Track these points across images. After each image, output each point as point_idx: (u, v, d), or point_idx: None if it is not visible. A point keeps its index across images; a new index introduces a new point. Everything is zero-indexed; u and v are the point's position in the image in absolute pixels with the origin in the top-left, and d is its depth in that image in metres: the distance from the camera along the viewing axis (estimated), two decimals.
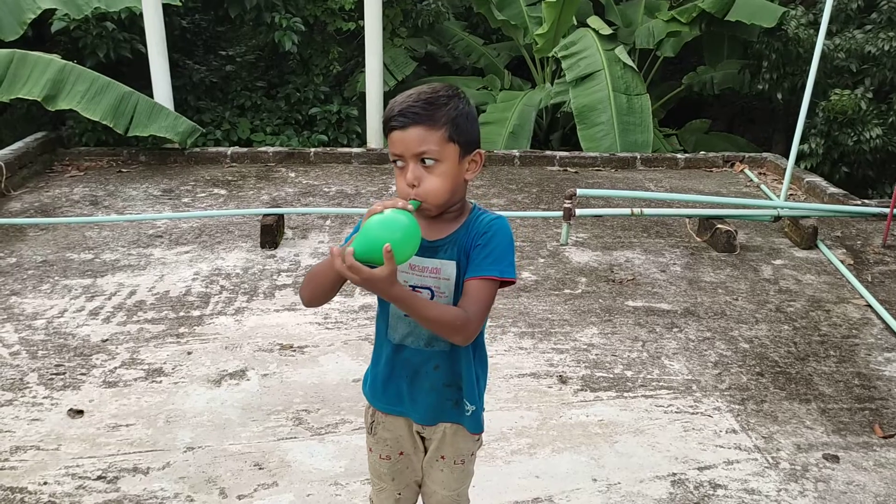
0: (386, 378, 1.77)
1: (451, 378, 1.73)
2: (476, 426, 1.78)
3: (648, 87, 8.08)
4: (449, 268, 1.63)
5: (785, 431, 3.06)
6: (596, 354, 3.61)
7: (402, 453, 1.85)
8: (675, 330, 3.89)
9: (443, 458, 1.81)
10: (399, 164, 1.60)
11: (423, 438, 1.82)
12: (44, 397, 3.13)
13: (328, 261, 1.55)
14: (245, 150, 6.82)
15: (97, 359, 3.44)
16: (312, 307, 1.73)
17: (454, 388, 1.73)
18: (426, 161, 1.56)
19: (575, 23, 8.52)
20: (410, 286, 1.64)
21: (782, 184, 5.61)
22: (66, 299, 4.01)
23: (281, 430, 2.97)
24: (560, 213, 4.98)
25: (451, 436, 1.79)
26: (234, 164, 6.70)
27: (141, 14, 6.54)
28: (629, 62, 7.64)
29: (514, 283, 1.64)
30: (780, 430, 3.06)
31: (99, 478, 2.66)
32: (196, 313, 3.91)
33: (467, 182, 1.66)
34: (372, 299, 3.90)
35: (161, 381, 3.27)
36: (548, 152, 7.15)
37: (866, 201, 5.92)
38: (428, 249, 1.63)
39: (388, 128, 1.59)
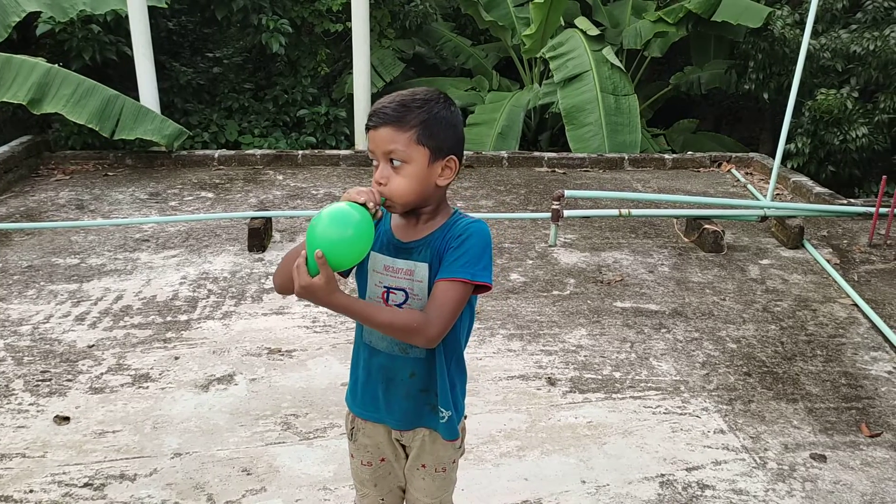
0: (363, 382, 1.76)
1: (427, 384, 1.71)
2: (450, 433, 1.75)
3: (636, 88, 8.11)
4: (422, 270, 1.62)
5: (772, 431, 3.07)
6: (584, 356, 3.62)
7: (383, 459, 1.84)
8: (662, 330, 3.90)
9: (423, 466, 1.80)
10: (374, 162, 1.63)
11: (403, 446, 1.81)
12: (29, 404, 3.11)
13: (296, 248, 1.57)
14: (232, 152, 6.80)
15: (83, 365, 3.41)
16: (284, 295, 1.75)
17: (431, 394, 1.72)
18: (394, 161, 1.58)
19: (562, 23, 8.53)
20: (385, 287, 1.64)
21: (769, 183, 5.64)
22: (52, 305, 3.99)
23: (269, 434, 2.95)
24: (548, 215, 4.99)
25: (429, 443, 1.77)
26: (222, 166, 6.67)
27: (127, 16, 6.52)
28: (617, 63, 7.66)
29: (489, 288, 1.62)
30: (767, 430, 3.08)
31: (86, 485, 2.64)
32: (183, 318, 3.89)
33: (441, 188, 1.64)
34: None
35: (148, 387, 3.26)
36: (536, 153, 7.17)
37: (852, 200, 5.96)
38: (402, 251, 1.64)
39: (365, 128, 1.63)
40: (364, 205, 1.52)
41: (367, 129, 1.62)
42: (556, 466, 2.81)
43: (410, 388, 1.71)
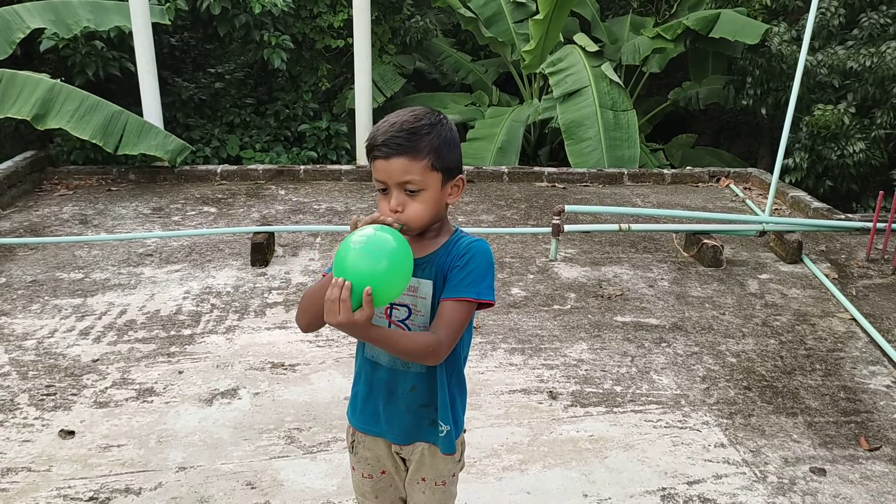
0: (364, 397, 1.78)
1: (427, 398, 1.73)
2: (448, 447, 1.76)
3: (635, 103, 8.17)
4: (426, 287, 1.65)
5: (772, 445, 3.10)
6: (585, 370, 3.64)
7: (383, 472, 1.86)
8: (663, 345, 3.93)
9: (423, 480, 1.82)
10: (383, 189, 1.62)
11: (403, 459, 1.83)
12: (35, 418, 3.13)
13: (322, 285, 1.56)
14: (235, 167, 6.84)
15: (88, 379, 3.44)
16: (310, 332, 1.74)
17: (431, 409, 1.74)
18: (410, 190, 1.59)
19: (562, 39, 8.61)
20: (389, 303, 1.65)
21: (767, 199, 5.68)
22: (57, 319, 4.01)
23: (273, 448, 2.98)
24: (549, 230, 5.02)
25: (429, 457, 1.79)
26: (224, 181, 6.72)
27: (130, 32, 6.58)
28: (615, 78, 7.73)
29: (492, 305, 1.66)
30: (767, 444, 3.10)
31: (91, 499, 2.66)
32: (187, 332, 3.92)
33: (448, 205, 1.68)
34: None
35: (152, 401, 3.28)
36: (536, 168, 7.21)
37: (850, 215, 6.00)
38: None
39: (371, 155, 1.61)
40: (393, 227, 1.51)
41: (375, 158, 1.59)
42: (557, 480, 2.83)
43: (411, 402, 1.73)
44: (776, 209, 6.37)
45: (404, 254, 1.48)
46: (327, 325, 1.51)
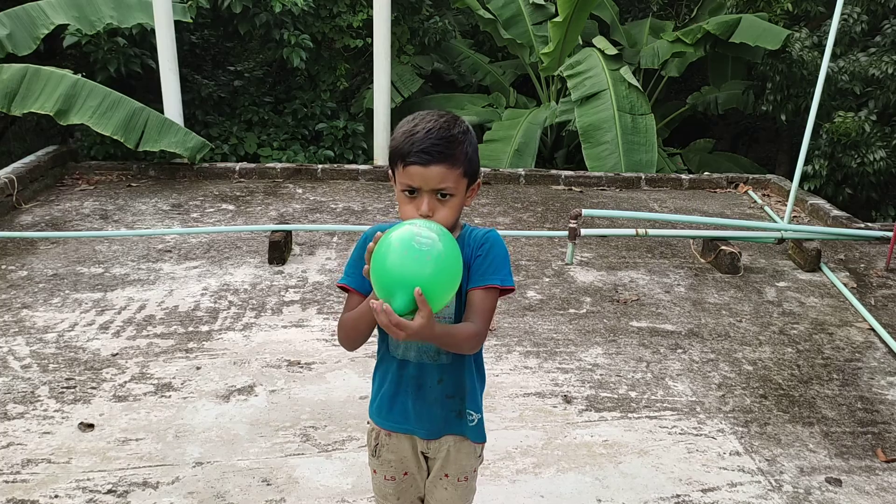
0: (392, 396, 1.80)
1: (454, 389, 1.77)
2: (479, 435, 1.83)
3: (653, 107, 8.15)
4: None
5: (788, 454, 3.08)
6: (600, 375, 3.64)
7: (406, 473, 1.88)
8: (679, 351, 3.92)
9: (446, 476, 1.85)
10: (411, 193, 1.63)
11: (426, 458, 1.86)
12: (55, 410, 3.17)
13: (359, 314, 1.63)
14: (253, 165, 6.89)
15: (107, 373, 3.47)
16: (355, 349, 1.79)
17: (457, 400, 1.78)
18: (442, 195, 1.62)
19: (580, 42, 8.61)
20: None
21: (786, 206, 5.65)
22: (77, 313, 4.06)
23: (289, 446, 3.00)
24: (565, 233, 5.02)
25: (454, 452, 1.82)
26: (242, 179, 6.76)
27: (151, 29, 6.64)
28: (634, 82, 7.71)
29: (513, 290, 1.71)
30: (783, 453, 3.09)
31: (109, 492, 2.69)
32: (205, 328, 3.95)
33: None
34: None
35: (170, 396, 3.31)
36: (553, 171, 7.21)
37: (869, 224, 5.96)
38: None
39: (405, 161, 1.60)
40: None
41: (411, 164, 1.59)
42: (571, 484, 2.83)
43: (439, 394, 1.76)
44: (795, 217, 6.34)
45: (451, 248, 1.49)
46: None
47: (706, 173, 7.58)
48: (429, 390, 1.76)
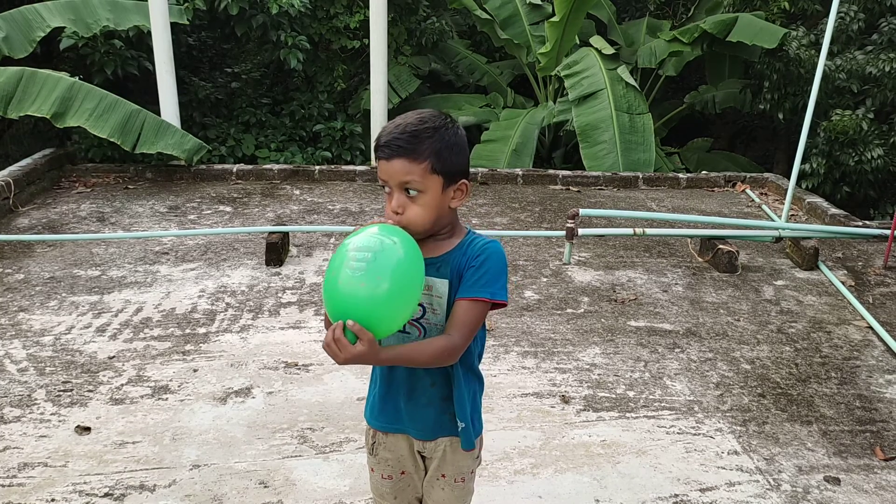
0: (383, 396, 1.80)
1: (449, 392, 1.75)
2: (467, 443, 1.79)
3: (650, 106, 8.15)
4: (442, 286, 1.67)
5: (786, 453, 3.08)
6: (598, 374, 3.64)
7: (403, 473, 1.88)
8: (676, 350, 3.92)
9: (443, 476, 1.84)
10: (387, 189, 1.66)
11: (423, 458, 1.85)
12: (51, 414, 3.16)
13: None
14: (250, 167, 6.88)
15: (104, 376, 3.47)
16: None
17: (451, 402, 1.76)
18: (410, 191, 1.61)
19: (578, 42, 8.60)
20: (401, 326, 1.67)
21: (783, 204, 5.65)
22: (74, 316, 4.05)
23: (286, 448, 2.99)
24: (563, 233, 5.02)
25: (450, 453, 1.81)
26: (240, 181, 6.75)
27: (148, 32, 6.63)
28: (631, 81, 7.71)
29: (505, 305, 1.68)
30: (781, 452, 3.08)
31: (106, 495, 2.68)
32: (202, 331, 3.94)
33: (453, 209, 1.69)
34: None
35: (167, 399, 3.30)
36: (551, 171, 7.20)
37: (867, 222, 5.96)
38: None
39: (375, 155, 1.65)
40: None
41: (378, 158, 1.64)
42: (569, 485, 2.83)
43: (432, 396, 1.75)
44: (792, 215, 6.33)
45: (409, 264, 1.50)
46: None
47: (704, 172, 7.58)
48: (422, 392, 1.75)
